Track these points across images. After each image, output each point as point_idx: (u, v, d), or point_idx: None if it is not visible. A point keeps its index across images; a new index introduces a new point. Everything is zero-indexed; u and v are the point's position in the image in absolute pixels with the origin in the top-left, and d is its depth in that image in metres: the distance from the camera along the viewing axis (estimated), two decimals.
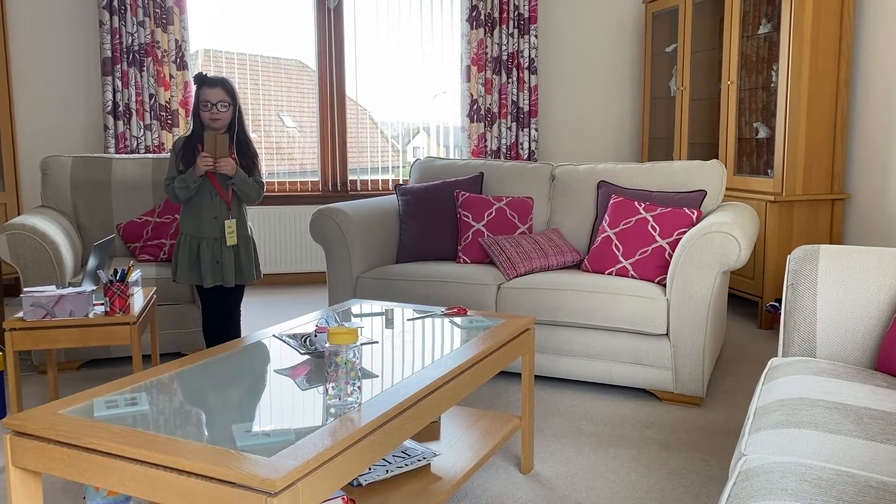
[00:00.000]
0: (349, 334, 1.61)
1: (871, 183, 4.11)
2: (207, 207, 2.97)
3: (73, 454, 1.43)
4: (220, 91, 2.92)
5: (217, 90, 2.91)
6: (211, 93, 2.91)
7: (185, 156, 2.95)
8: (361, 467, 1.49)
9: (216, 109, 2.91)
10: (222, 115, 2.93)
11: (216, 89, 2.91)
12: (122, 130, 4.92)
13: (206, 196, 2.97)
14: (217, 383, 1.76)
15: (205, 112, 2.92)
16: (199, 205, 2.98)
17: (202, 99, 2.92)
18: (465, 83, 5.51)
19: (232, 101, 2.95)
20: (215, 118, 2.92)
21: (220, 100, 2.92)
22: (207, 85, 2.91)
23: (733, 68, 4.40)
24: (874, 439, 1.48)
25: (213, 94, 2.91)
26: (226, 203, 2.99)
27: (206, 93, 2.91)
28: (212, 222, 2.97)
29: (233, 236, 2.98)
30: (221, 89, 2.92)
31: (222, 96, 2.92)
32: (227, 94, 2.94)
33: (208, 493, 1.30)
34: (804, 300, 2.14)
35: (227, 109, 2.94)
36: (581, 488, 2.28)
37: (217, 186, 2.97)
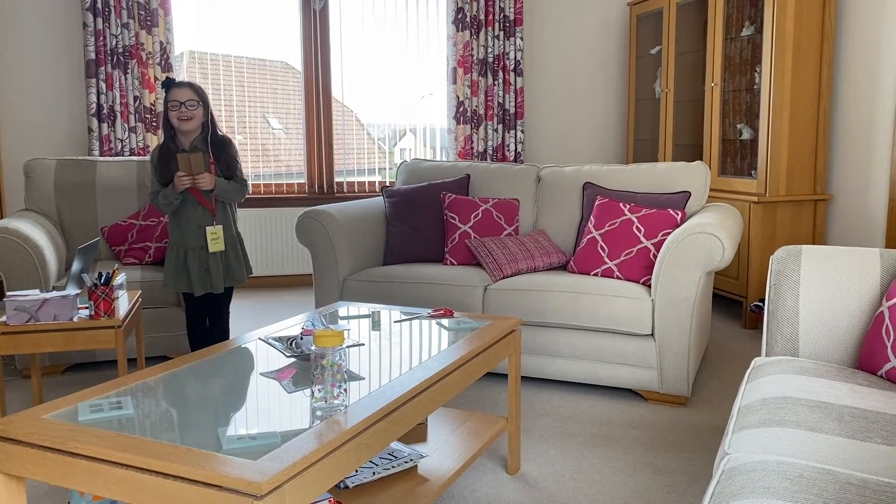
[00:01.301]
0: (335, 337, 1.61)
1: (852, 184, 4.15)
2: (191, 217, 2.97)
3: (57, 459, 1.43)
4: (187, 90, 2.90)
5: (185, 90, 2.90)
6: (178, 92, 2.89)
7: (161, 169, 2.93)
8: (348, 470, 1.49)
9: (184, 108, 2.88)
10: (192, 113, 2.90)
11: (183, 89, 2.90)
12: (107, 133, 4.89)
13: (189, 206, 2.96)
14: (203, 386, 1.76)
15: (173, 112, 2.89)
16: (183, 214, 2.97)
17: (170, 100, 2.90)
18: (452, 85, 5.52)
19: (201, 100, 2.93)
20: (184, 117, 2.89)
21: (189, 98, 2.89)
22: (175, 86, 2.90)
23: (717, 70, 4.44)
24: (854, 437, 1.49)
25: (181, 93, 2.89)
26: (209, 210, 2.98)
27: (174, 93, 2.89)
28: (196, 231, 2.97)
29: (218, 242, 2.96)
30: (189, 89, 2.91)
31: (190, 95, 2.90)
32: (195, 93, 2.92)
33: (194, 497, 1.30)
34: (787, 300, 2.16)
35: (197, 108, 2.91)
36: (568, 488, 2.29)
37: (198, 196, 2.96)
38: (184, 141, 2.97)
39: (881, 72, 3.91)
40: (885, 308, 1.96)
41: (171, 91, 2.90)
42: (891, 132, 3.87)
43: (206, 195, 2.96)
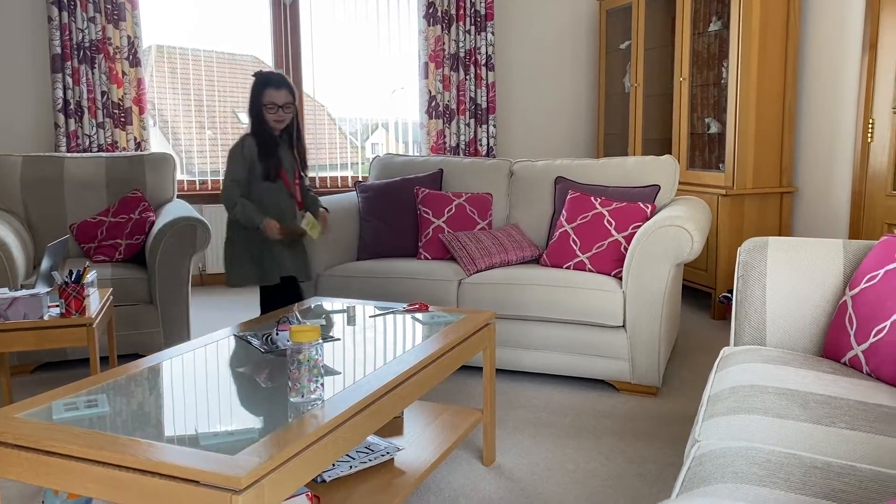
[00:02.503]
0: (311, 332, 1.62)
1: (817, 177, 4.24)
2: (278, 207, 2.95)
3: (32, 458, 1.42)
4: (286, 93, 2.86)
5: (283, 92, 2.85)
6: (277, 95, 2.85)
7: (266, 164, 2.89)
8: (325, 463, 1.51)
9: (282, 112, 2.86)
10: (287, 116, 2.89)
11: (282, 91, 2.85)
12: (74, 128, 4.82)
13: (277, 196, 2.95)
14: (178, 383, 1.76)
15: (270, 114, 2.86)
16: (271, 206, 2.93)
17: (268, 101, 2.85)
18: (424, 80, 5.52)
19: (294, 101, 2.92)
20: (280, 120, 2.88)
21: (286, 102, 2.87)
22: (273, 86, 2.85)
23: (685, 65, 4.50)
24: (819, 422, 1.54)
25: (280, 96, 2.85)
26: (296, 202, 3.02)
27: (273, 94, 2.84)
28: (290, 221, 2.97)
29: (316, 228, 2.95)
30: (287, 92, 2.87)
31: (287, 98, 2.87)
32: (291, 95, 2.89)
33: (172, 493, 1.30)
34: (754, 291, 2.21)
35: (291, 111, 2.90)
36: (542, 478, 2.32)
37: (287, 186, 2.96)
38: (274, 134, 2.96)
39: (844, 68, 4.00)
40: (848, 297, 2.02)
41: (269, 92, 2.85)
42: (853, 127, 3.96)
43: (293, 187, 2.99)
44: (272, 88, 2.84)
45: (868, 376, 1.89)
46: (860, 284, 2.00)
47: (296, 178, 3.02)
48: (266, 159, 2.89)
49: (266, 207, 2.91)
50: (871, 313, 1.92)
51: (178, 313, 3.48)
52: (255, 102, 2.88)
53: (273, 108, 2.86)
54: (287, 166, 2.99)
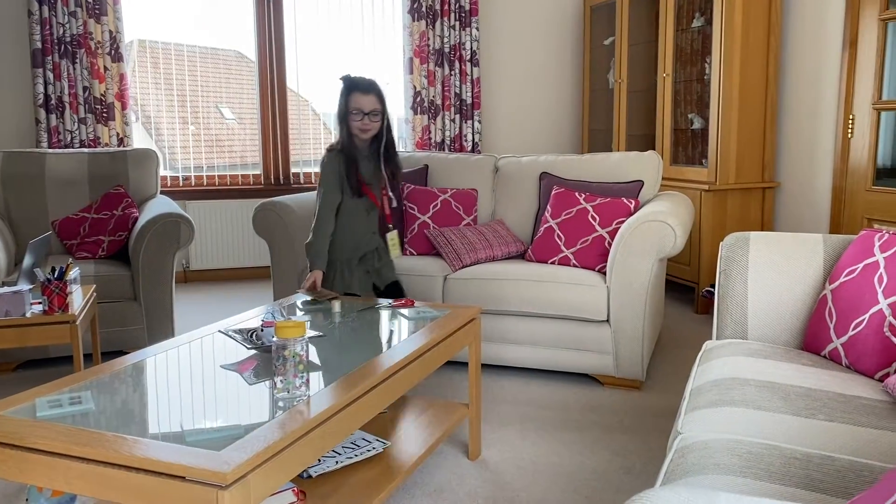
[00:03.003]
0: (296, 328, 1.62)
1: (798, 172, 4.29)
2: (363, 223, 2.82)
3: (16, 455, 1.41)
4: (373, 99, 2.68)
5: (370, 98, 2.67)
6: (364, 100, 2.67)
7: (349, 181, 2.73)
8: (311, 458, 1.51)
9: (367, 120, 2.68)
10: (374, 124, 2.70)
11: (369, 96, 2.67)
12: (55, 124, 4.78)
13: (363, 212, 2.81)
14: (163, 380, 1.75)
15: (355, 122, 2.68)
16: (356, 222, 2.80)
17: (353, 106, 2.67)
18: (409, 75, 5.52)
19: (383, 109, 2.72)
20: (366, 129, 2.70)
21: (373, 109, 2.69)
22: (360, 90, 2.67)
23: (668, 61, 4.53)
24: (799, 414, 1.56)
25: (366, 101, 2.67)
26: (385, 218, 2.86)
27: (359, 100, 2.67)
28: (367, 238, 2.84)
29: (397, 247, 2.88)
30: (375, 97, 2.69)
31: (374, 105, 2.69)
32: (379, 101, 2.70)
33: (158, 489, 1.30)
34: (736, 285, 2.24)
35: (378, 119, 2.71)
36: (527, 472, 2.34)
37: (374, 200, 2.81)
38: (359, 146, 2.77)
39: (825, 64, 4.04)
40: (828, 291, 2.05)
41: (355, 96, 2.67)
42: (834, 122, 4.00)
43: (384, 205, 2.85)
44: (359, 93, 2.66)
45: (847, 369, 1.92)
46: (840, 278, 2.03)
47: (384, 193, 2.83)
48: (346, 171, 2.73)
49: (348, 224, 2.78)
50: (850, 307, 1.95)
51: (162, 310, 3.47)
52: (342, 108, 2.70)
53: (358, 115, 2.68)
54: (371, 180, 2.80)
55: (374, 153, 2.80)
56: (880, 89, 3.72)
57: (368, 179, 2.80)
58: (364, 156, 2.79)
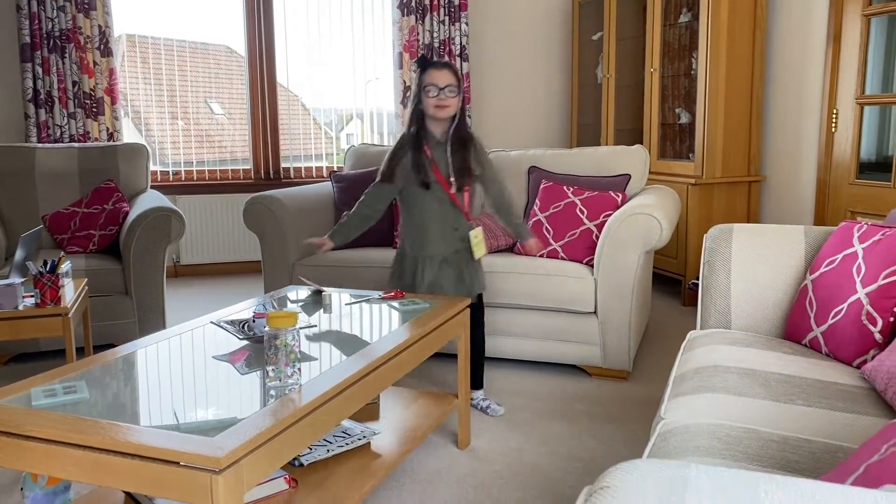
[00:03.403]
0: (288, 318, 1.65)
1: (783, 166, 4.34)
2: (437, 217, 2.61)
3: (12, 443, 1.44)
4: (447, 74, 2.53)
5: (444, 73, 2.53)
6: (437, 75, 2.53)
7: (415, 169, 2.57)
8: (303, 445, 1.54)
9: (444, 95, 2.53)
10: (450, 101, 2.54)
11: (443, 72, 2.53)
12: (45, 119, 4.78)
13: (435, 204, 2.61)
14: (156, 370, 1.78)
15: (430, 98, 2.53)
16: (427, 215, 2.62)
17: (427, 82, 2.54)
18: (398, 70, 5.54)
19: (459, 86, 2.57)
20: (442, 105, 2.53)
21: (448, 84, 2.53)
22: (433, 67, 2.55)
23: (656, 56, 4.57)
24: (778, 400, 1.61)
25: (441, 76, 2.52)
26: (462, 212, 2.63)
27: (432, 75, 2.53)
28: (443, 235, 2.63)
29: (481, 246, 2.64)
30: (449, 72, 2.55)
31: (450, 80, 2.53)
32: (455, 77, 2.55)
33: (153, 474, 1.33)
34: (720, 276, 2.28)
35: (455, 95, 2.54)
36: (515, 460, 2.38)
37: (447, 191, 2.59)
38: (436, 130, 2.62)
39: (809, 59, 4.09)
40: (809, 281, 2.09)
41: (429, 73, 2.54)
42: (818, 117, 4.05)
43: (460, 195, 2.61)
44: (433, 69, 2.54)
45: (827, 356, 1.97)
46: (820, 269, 2.07)
47: (461, 183, 2.61)
48: (412, 159, 2.59)
49: (421, 218, 2.64)
50: (829, 296, 2.00)
51: (153, 303, 3.49)
52: (416, 88, 2.58)
53: (433, 90, 2.53)
54: (446, 170, 2.60)
55: (446, 139, 2.62)
56: (863, 84, 3.77)
57: (442, 169, 2.61)
58: (438, 142, 2.62)
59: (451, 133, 2.59)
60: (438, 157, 2.61)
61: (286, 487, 1.84)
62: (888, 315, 1.83)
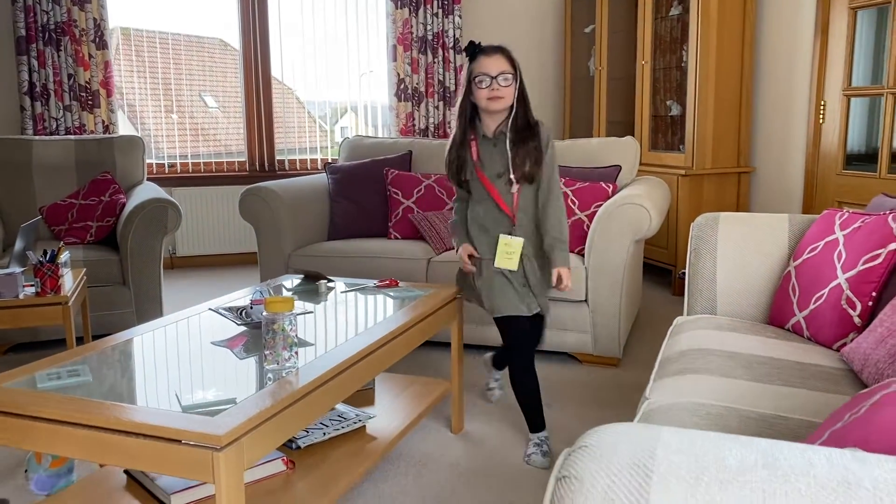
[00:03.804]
0: (285, 303, 1.70)
1: (772, 157, 4.40)
2: (487, 219, 2.36)
3: (20, 423, 1.49)
4: (500, 60, 2.24)
5: (496, 59, 2.24)
6: (488, 63, 2.23)
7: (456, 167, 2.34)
8: (300, 425, 1.60)
9: (497, 85, 2.23)
10: (504, 91, 2.23)
11: (495, 57, 2.24)
12: (41, 111, 4.80)
13: (484, 206, 2.36)
14: (156, 355, 1.83)
15: (481, 89, 2.23)
16: (481, 216, 2.37)
17: (477, 72, 2.23)
18: (392, 62, 5.57)
19: (515, 72, 2.27)
20: (496, 96, 2.23)
21: (502, 71, 2.23)
22: (483, 53, 2.25)
23: (647, 49, 4.61)
24: (759, 381, 1.67)
25: (492, 63, 2.23)
26: (508, 216, 2.33)
27: (483, 63, 2.23)
28: (489, 240, 2.35)
29: (510, 259, 2.30)
30: (501, 57, 2.25)
31: (503, 66, 2.24)
32: (509, 62, 2.26)
33: (156, 452, 1.38)
34: (706, 263, 2.34)
35: (510, 83, 2.25)
36: (508, 444, 2.44)
37: (495, 195, 2.32)
38: (489, 124, 2.32)
39: (798, 52, 4.15)
40: (792, 268, 2.15)
41: (479, 61, 2.25)
42: (806, 109, 4.11)
43: (507, 197, 2.32)
44: (483, 56, 2.25)
45: (808, 340, 2.03)
46: (803, 255, 2.13)
47: (513, 184, 2.30)
48: (456, 156, 2.34)
49: (473, 221, 2.38)
50: (811, 282, 2.06)
51: (150, 294, 3.53)
52: (465, 80, 2.30)
53: (485, 80, 2.23)
54: (492, 168, 2.31)
55: (502, 134, 2.31)
56: (850, 76, 3.83)
57: (490, 166, 2.32)
58: (487, 137, 2.33)
59: (510, 126, 2.28)
60: (485, 155, 2.32)
61: (284, 469, 1.89)
62: (867, 299, 1.89)
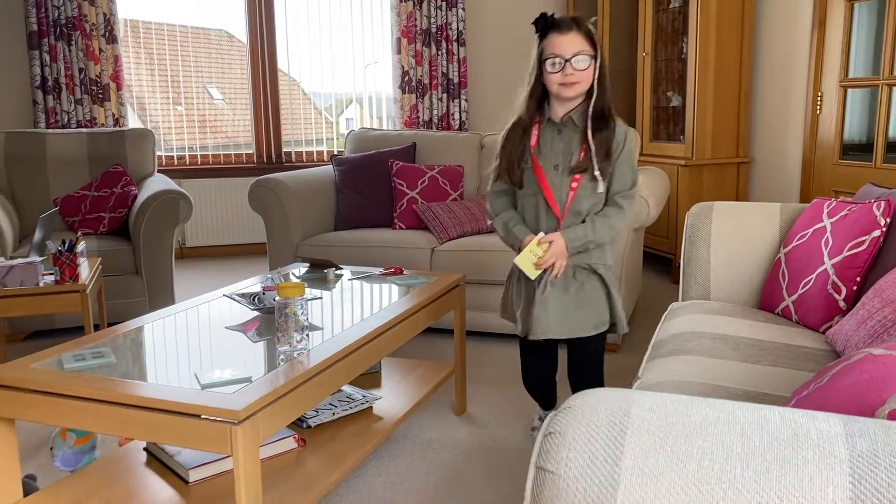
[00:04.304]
0: (297, 288, 1.79)
1: (771, 147, 4.47)
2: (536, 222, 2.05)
3: (48, 401, 1.59)
4: (576, 38, 1.89)
5: (572, 36, 1.88)
6: (562, 41, 1.88)
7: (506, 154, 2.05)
8: (311, 403, 1.69)
9: (570, 69, 1.89)
10: (581, 76, 1.89)
11: (571, 35, 1.89)
12: (53, 105, 4.90)
13: (533, 204, 2.05)
14: (174, 338, 1.93)
15: (553, 73, 1.90)
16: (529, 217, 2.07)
17: (549, 53, 1.91)
18: (396, 55, 5.65)
19: (595, 53, 1.92)
20: (570, 81, 1.90)
21: (578, 52, 1.88)
22: (557, 29, 1.90)
23: (648, 40, 4.68)
24: (746, 361, 1.76)
25: (566, 42, 1.88)
26: (556, 217, 2.01)
27: (555, 42, 1.89)
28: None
29: (531, 264, 1.99)
30: (579, 34, 1.89)
31: (580, 45, 1.89)
32: (588, 40, 1.91)
33: (178, 426, 1.48)
34: (700, 251, 2.43)
35: (588, 64, 1.90)
36: (509, 426, 2.53)
37: (548, 194, 1.99)
38: (557, 109, 2.01)
39: (796, 44, 4.21)
40: (782, 255, 2.24)
41: (551, 39, 1.91)
42: (804, 99, 4.18)
43: (560, 193, 2.00)
44: (556, 33, 1.90)
45: (796, 324, 2.12)
46: (792, 242, 2.22)
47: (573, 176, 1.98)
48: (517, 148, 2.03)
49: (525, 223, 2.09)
50: (799, 268, 2.14)
51: (162, 283, 3.63)
52: (534, 61, 1.99)
53: (557, 62, 1.90)
54: (551, 157, 2.00)
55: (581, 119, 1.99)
56: (846, 67, 3.89)
57: (549, 155, 2.01)
58: (552, 123, 2.02)
59: (590, 112, 1.96)
60: (545, 142, 2.02)
61: (296, 446, 1.99)
62: (851, 284, 1.98)
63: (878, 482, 0.66)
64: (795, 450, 0.70)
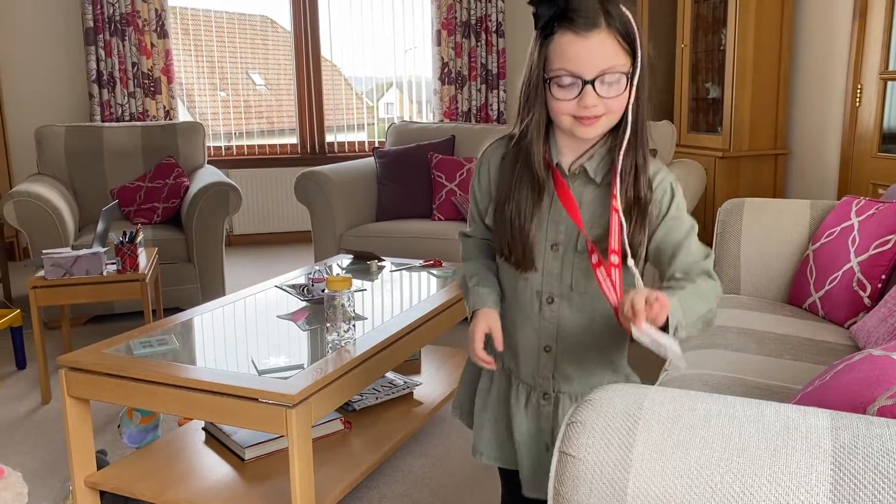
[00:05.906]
0: (345, 281, 1.92)
1: (809, 139, 4.47)
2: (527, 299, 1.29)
3: (121, 384, 1.75)
4: (604, 42, 1.14)
5: (597, 41, 1.13)
6: (580, 49, 1.14)
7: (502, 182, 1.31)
8: (358, 388, 1.83)
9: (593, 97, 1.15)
10: (610, 104, 1.16)
11: (594, 38, 1.13)
12: (107, 98, 5.12)
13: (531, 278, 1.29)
14: (231, 326, 2.08)
15: (563, 101, 1.17)
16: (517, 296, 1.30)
17: (557, 67, 1.16)
18: (437, 47, 5.75)
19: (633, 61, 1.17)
20: (590, 116, 1.17)
21: (607, 68, 1.14)
22: (570, 26, 1.15)
23: (686, 31, 4.70)
24: (770, 355, 1.84)
25: (587, 51, 1.13)
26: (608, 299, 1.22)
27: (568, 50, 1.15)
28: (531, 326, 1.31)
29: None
30: (609, 34, 1.14)
31: (612, 56, 1.14)
32: (624, 43, 1.15)
33: (238, 408, 1.62)
34: (731, 246, 2.50)
35: (622, 90, 1.17)
36: None
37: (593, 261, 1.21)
38: (566, 152, 1.28)
39: (836, 35, 4.20)
40: (811, 251, 2.30)
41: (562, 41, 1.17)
42: (843, 92, 4.17)
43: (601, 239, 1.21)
44: (570, 33, 1.15)
45: (823, 319, 2.19)
46: (820, 240, 2.28)
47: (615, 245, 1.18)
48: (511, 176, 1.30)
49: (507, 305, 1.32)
50: (827, 265, 2.20)
51: (213, 270, 3.81)
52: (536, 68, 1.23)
53: (571, 86, 1.16)
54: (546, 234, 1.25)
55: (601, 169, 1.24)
56: (887, 60, 3.88)
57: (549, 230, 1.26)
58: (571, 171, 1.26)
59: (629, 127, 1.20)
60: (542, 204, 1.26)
61: (342, 428, 2.13)
62: (877, 282, 2.04)
63: (856, 470, 0.76)
64: (786, 441, 0.80)
